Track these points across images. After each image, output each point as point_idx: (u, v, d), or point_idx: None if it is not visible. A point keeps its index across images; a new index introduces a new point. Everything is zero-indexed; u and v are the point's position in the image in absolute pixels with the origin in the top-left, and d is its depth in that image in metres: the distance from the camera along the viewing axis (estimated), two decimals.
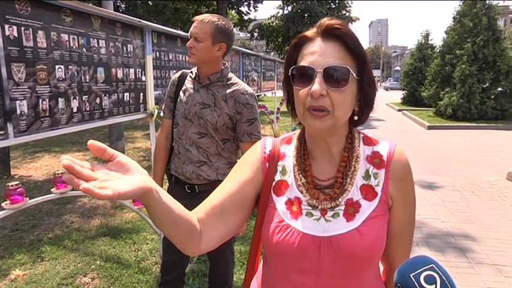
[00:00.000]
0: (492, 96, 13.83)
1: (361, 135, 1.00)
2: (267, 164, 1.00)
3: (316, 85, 0.84)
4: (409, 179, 0.96)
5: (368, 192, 0.93)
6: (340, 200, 0.92)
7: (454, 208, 4.81)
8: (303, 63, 0.88)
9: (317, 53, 0.86)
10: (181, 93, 2.12)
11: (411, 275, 0.71)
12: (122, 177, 0.67)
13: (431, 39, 21.38)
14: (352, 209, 0.91)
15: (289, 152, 1.01)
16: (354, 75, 0.87)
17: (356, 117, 0.95)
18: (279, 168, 0.99)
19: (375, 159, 0.95)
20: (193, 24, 1.97)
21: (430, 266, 0.72)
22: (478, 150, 8.57)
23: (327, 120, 0.87)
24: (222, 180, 1.06)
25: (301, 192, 0.94)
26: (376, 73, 75.58)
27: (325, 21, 0.89)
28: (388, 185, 0.93)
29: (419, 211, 4.63)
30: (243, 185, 0.98)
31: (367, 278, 0.94)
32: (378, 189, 0.93)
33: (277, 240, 0.92)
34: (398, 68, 61.31)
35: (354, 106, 0.92)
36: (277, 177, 0.99)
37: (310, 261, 0.90)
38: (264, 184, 0.99)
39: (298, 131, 1.04)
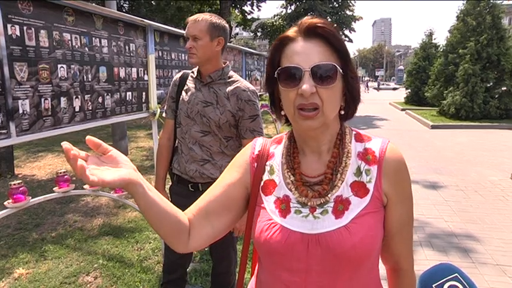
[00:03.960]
0: (496, 96, 13.75)
1: (353, 132, 0.99)
2: (255, 164, 1.00)
3: (306, 84, 0.84)
4: (404, 175, 0.94)
5: (359, 189, 0.91)
6: (329, 196, 0.90)
7: (457, 208, 4.78)
8: (288, 63, 0.87)
9: (302, 52, 0.86)
10: (183, 93, 2.13)
11: (434, 286, 0.68)
12: (110, 169, 0.77)
13: (435, 39, 21.26)
14: (341, 206, 0.89)
15: (278, 151, 1.01)
16: (340, 71, 0.88)
17: (343, 112, 0.94)
18: (267, 168, 1.00)
19: (367, 155, 0.94)
20: (188, 26, 2.00)
21: (454, 275, 0.68)
22: (482, 150, 8.52)
23: (318, 118, 0.87)
24: None
25: (290, 190, 0.94)
26: (380, 73, 75.29)
27: (307, 20, 0.89)
28: (382, 182, 0.92)
29: (423, 211, 4.62)
30: (229, 187, 1.00)
31: (359, 279, 0.92)
32: (370, 186, 0.91)
33: (265, 238, 0.91)
34: (401, 67, 61.06)
35: (341, 101, 0.93)
36: (265, 176, 0.99)
37: (299, 259, 0.89)
38: (252, 184, 0.99)
39: (289, 131, 1.04)
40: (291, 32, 0.90)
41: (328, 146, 0.95)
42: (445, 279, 0.68)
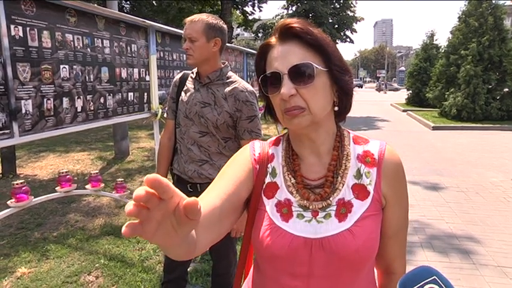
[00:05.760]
0: (498, 97, 13.73)
1: (351, 134, 0.98)
2: (258, 166, 0.97)
3: (283, 88, 0.84)
4: (401, 177, 0.95)
5: (360, 191, 0.91)
6: (331, 199, 0.90)
7: (458, 209, 4.78)
8: (269, 70, 0.88)
9: (279, 56, 0.87)
10: (182, 94, 2.14)
11: None
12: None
13: (436, 40, 21.22)
14: (344, 209, 0.89)
15: (278, 152, 0.99)
16: (320, 67, 0.86)
17: (336, 108, 0.92)
18: (269, 170, 0.97)
19: (366, 158, 0.93)
20: (185, 27, 2.01)
21: (432, 278, 0.70)
22: (483, 151, 8.51)
23: (304, 116, 0.86)
24: None
25: (291, 193, 0.92)
26: (382, 74, 75.01)
27: (280, 23, 0.89)
28: (381, 184, 0.92)
29: (423, 212, 4.62)
30: (239, 185, 0.93)
31: (359, 282, 0.92)
32: (370, 188, 0.91)
33: (268, 243, 0.90)
34: (403, 68, 60.94)
35: (333, 97, 0.91)
36: (268, 179, 0.96)
37: (302, 264, 0.88)
38: (254, 186, 0.96)
39: (286, 133, 1.02)
40: (272, 38, 0.91)
41: (328, 147, 0.94)
42: (423, 282, 0.70)
